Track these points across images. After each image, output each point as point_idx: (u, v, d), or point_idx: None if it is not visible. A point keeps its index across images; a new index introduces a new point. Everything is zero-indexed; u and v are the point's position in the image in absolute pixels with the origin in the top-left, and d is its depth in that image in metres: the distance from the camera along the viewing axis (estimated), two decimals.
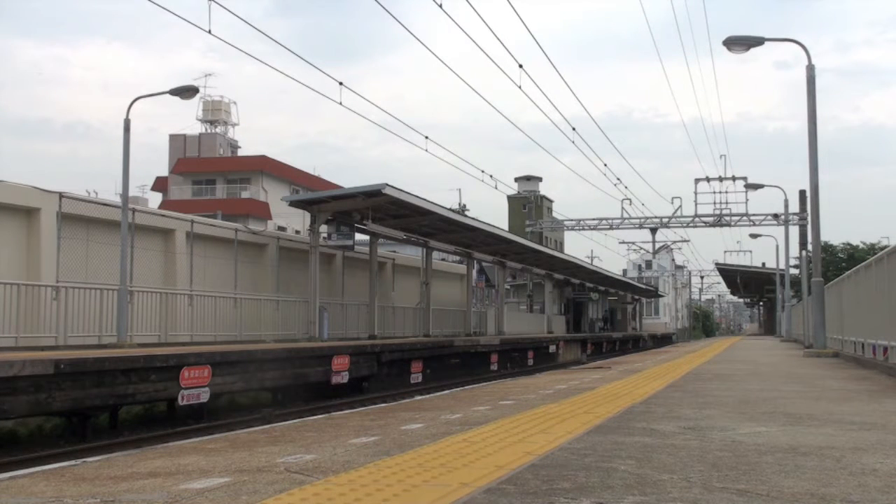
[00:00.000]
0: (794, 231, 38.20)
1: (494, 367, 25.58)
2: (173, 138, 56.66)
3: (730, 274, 74.59)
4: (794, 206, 36.74)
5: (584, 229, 42.04)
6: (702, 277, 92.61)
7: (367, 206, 21.52)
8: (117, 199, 18.23)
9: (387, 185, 19.82)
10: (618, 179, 36.42)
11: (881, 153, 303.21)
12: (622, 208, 39.55)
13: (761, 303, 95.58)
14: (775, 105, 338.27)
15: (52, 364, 9.88)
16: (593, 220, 41.38)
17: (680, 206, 38.80)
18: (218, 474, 3.83)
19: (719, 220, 38.35)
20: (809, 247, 26.04)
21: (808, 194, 21.95)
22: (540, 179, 72.49)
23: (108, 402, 11.24)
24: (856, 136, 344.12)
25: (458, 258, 34.78)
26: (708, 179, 38.00)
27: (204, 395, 12.43)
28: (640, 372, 12.56)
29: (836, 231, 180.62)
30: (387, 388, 18.03)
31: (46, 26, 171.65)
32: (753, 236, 42.65)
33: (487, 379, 18.03)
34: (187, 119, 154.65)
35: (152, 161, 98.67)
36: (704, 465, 3.83)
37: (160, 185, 54.68)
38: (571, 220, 42.77)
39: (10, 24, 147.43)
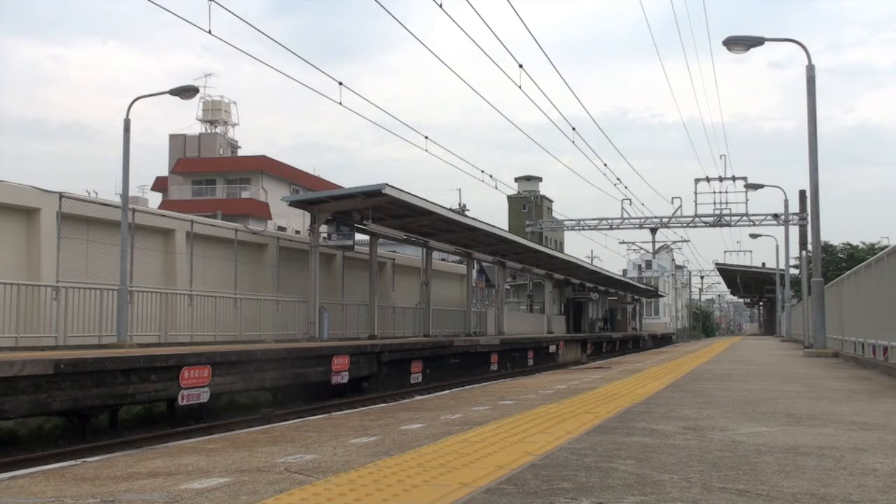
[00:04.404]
0: (794, 231, 38.21)
1: (494, 367, 25.57)
2: (173, 138, 56.66)
3: (730, 274, 74.58)
4: (794, 206, 36.75)
5: (584, 229, 42.07)
6: (702, 277, 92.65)
7: (367, 206, 21.52)
8: (117, 200, 18.23)
9: (387, 185, 19.81)
10: (618, 179, 36.50)
11: (878, 153, 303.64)
12: (622, 208, 39.62)
13: (761, 303, 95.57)
14: (771, 105, 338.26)
15: (52, 364, 9.88)
16: (593, 220, 41.40)
17: (680, 206, 38.85)
18: (218, 474, 3.83)
19: (719, 220, 38.35)
20: (809, 247, 26.04)
21: (807, 194, 21.95)
22: (540, 179, 72.55)
23: (108, 402, 11.24)
24: (852, 137, 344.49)
25: (458, 258, 34.78)
26: (708, 179, 38.01)
27: (204, 395, 12.43)
28: (639, 372, 12.56)
29: (836, 231, 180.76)
30: (387, 388, 18.03)
31: (43, 25, 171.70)
32: (753, 236, 42.67)
33: (487, 379, 18.02)
34: (184, 119, 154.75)
35: (150, 161, 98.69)
36: (704, 465, 3.83)
37: (160, 185, 54.68)
38: (571, 220, 42.80)
39: (8, 24, 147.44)
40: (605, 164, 34.59)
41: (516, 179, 71.11)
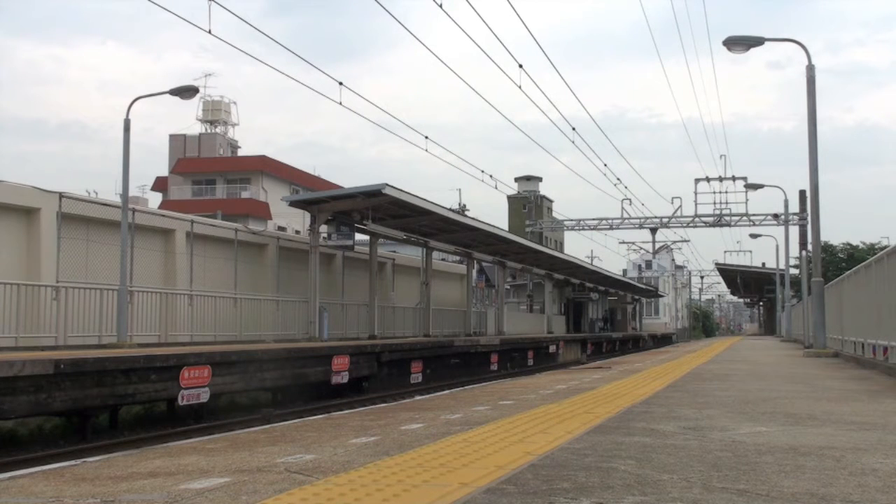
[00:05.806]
0: (794, 231, 38.21)
1: (494, 367, 25.58)
2: (173, 138, 56.68)
3: (730, 274, 74.61)
4: (794, 206, 36.75)
5: (584, 229, 42.10)
6: (702, 277, 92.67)
7: (366, 206, 21.52)
8: (117, 199, 18.23)
9: (387, 185, 19.82)
10: (618, 179, 36.48)
11: (877, 153, 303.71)
12: (622, 208, 39.64)
13: (761, 303, 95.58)
14: (770, 105, 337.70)
15: (52, 364, 9.88)
16: (593, 220, 41.42)
17: (680, 206, 38.87)
18: (218, 474, 3.83)
19: (719, 220, 38.38)
20: (809, 247, 26.04)
21: (808, 194, 21.94)
22: (540, 179, 72.52)
23: (108, 402, 11.24)
24: (851, 137, 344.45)
25: (458, 258, 34.78)
26: (708, 179, 38.04)
27: (204, 395, 12.43)
28: (639, 372, 12.56)
29: (836, 231, 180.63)
30: (387, 388, 18.03)
31: (42, 25, 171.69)
32: (753, 236, 42.66)
33: (487, 379, 18.03)
34: (184, 119, 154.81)
35: (150, 161, 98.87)
36: (704, 465, 3.83)
37: (160, 185, 54.69)
38: (571, 220, 42.83)
39: (7, 24, 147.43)
40: (605, 164, 34.55)
41: (516, 179, 71.09)
